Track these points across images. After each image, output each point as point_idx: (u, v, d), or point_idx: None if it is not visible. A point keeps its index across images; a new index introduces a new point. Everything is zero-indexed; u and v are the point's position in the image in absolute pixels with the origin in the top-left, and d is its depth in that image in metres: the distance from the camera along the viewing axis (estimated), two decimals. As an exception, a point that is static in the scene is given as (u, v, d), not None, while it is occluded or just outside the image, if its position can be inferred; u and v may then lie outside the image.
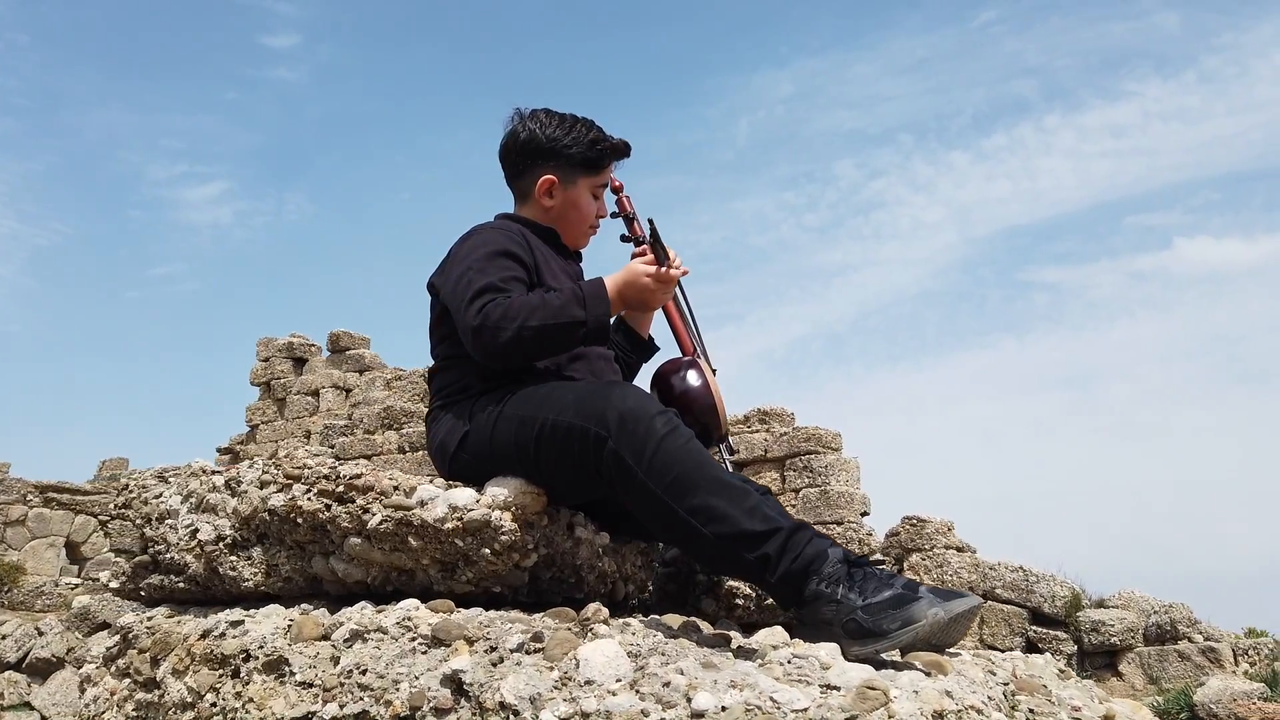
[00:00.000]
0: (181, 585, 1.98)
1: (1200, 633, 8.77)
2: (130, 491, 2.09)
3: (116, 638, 2.03)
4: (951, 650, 1.72)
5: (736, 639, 1.66)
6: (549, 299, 1.86)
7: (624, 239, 2.42)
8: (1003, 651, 2.08)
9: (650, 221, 1.98)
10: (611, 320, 1.94)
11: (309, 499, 1.85)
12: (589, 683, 1.44)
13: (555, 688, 1.45)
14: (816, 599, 1.58)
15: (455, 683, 1.54)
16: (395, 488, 1.84)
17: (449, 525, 1.78)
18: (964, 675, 1.56)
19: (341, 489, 1.84)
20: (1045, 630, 8.16)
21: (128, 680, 1.94)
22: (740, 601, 2.32)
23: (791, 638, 1.72)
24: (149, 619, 1.98)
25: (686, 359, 2.19)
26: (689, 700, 1.34)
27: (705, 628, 1.76)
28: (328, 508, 1.84)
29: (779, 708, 1.29)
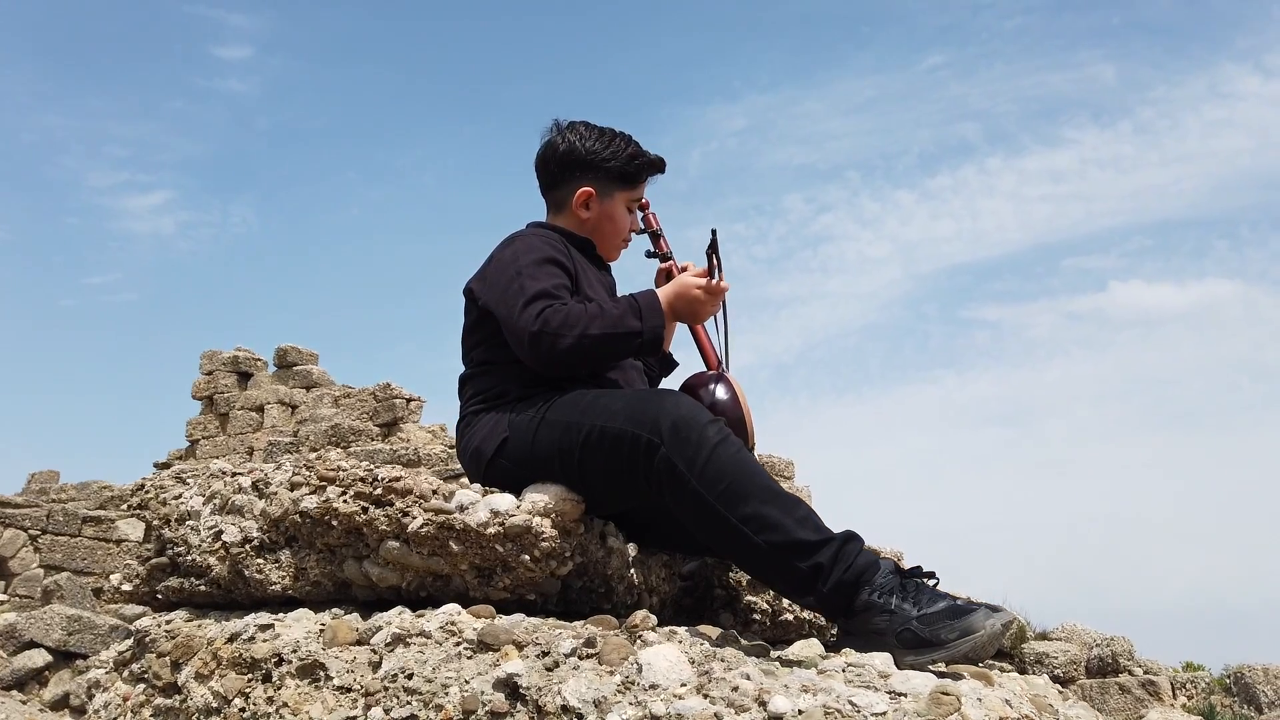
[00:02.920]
0: (203, 588, 1.93)
1: (1140, 666, 8.99)
2: (146, 492, 2.04)
3: (129, 642, 1.97)
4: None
5: (774, 651, 1.68)
6: (607, 309, 1.89)
7: (649, 255, 2.44)
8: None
9: (713, 232, 1.99)
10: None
11: (345, 501, 1.82)
12: (654, 687, 1.43)
13: (619, 691, 1.44)
14: (868, 609, 1.60)
15: (510, 686, 1.52)
16: (434, 491, 1.82)
17: (491, 530, 1.76)
18: (1007, 687, 1.60)
19: (380, 491, 1.81)
20: (991, 661, 8.30)
21: (143, 685, 1.88)
22: (757, 617, 2.34)
23: (827, 651, 1.75)
24: (168, 622, 1.92)
25: (713, 373, 2.21)
26: (763, 704, 1.35)
27: (741, 640, 1.78)
28: (364, 510, 1.81)
29: (858, 711, 1.30)
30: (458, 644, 1.64)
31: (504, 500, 1.80)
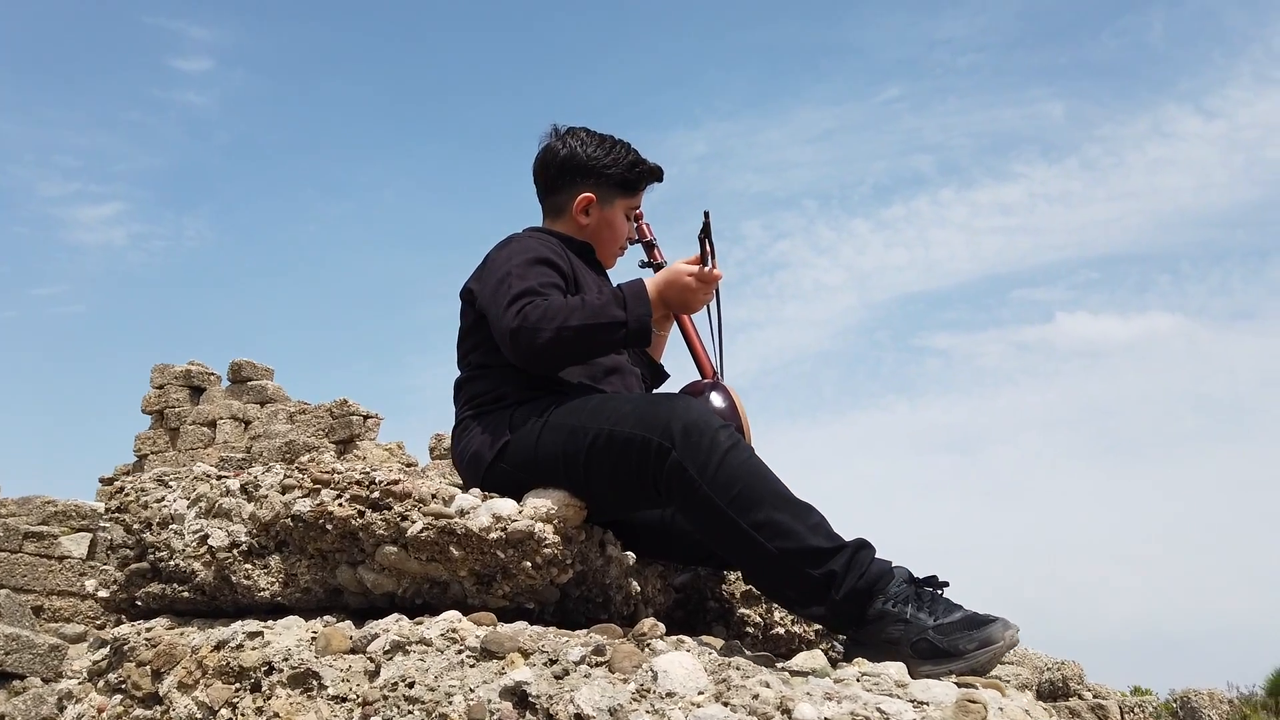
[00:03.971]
0: (186, 594, 1.85)
1: (1090, 690, 9.09)
2: (126, 494, 1.96)
3: (104, 650, 1.88)
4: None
5: (779, 663, 1.65)
6: (588, 300, 1.84)
7: (643, 265, 2.42)
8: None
9: (706, 215, 1.89)
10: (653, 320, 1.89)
11: (340, 504, 1.76)
12: (670, 695, 1.40)
13: (635, 699, 1.40)
14: (882, 618, 1.58)
15: (518, 695, 1.47)
16: (434, 495, 1.77)
17: (493, 535, 1.72)
18: (1018, 698, 1.58)
19: (377, 495, 1.76)
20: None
21: (121, 696, 1.80)
22: (750, 630, 2.31)
23: (832, 663, 1.72)
24: (148, 630, 1.84)
25: (708, 381, 2.19)
26: (787, 712, 1.32)
27: (746, 651, 1.75)
28: (361, 514, 1.76)
29: (887, 718, 1.28)
30: (460, 651, 1.59)
31: (506, 505, 1.76)
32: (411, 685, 1.55)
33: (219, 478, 1.96)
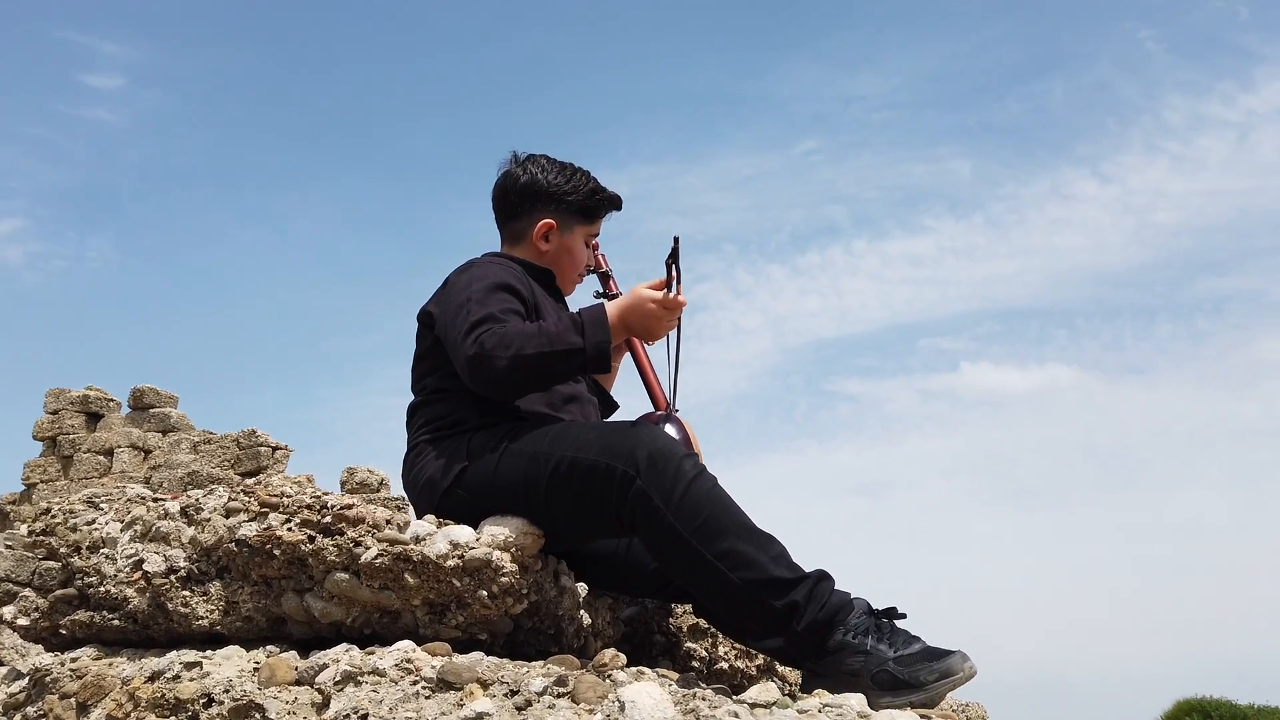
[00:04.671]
0: (116, 623, 1.76)
1: (996, 733, 9.26)
2: (53, 517, 1.86)
3: (23, 682, 1.77)
4: None
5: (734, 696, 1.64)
6: (545, 326, 1.81)
7: (598, 295, 2.42)
8: None
9: (675, 240, 1.86)
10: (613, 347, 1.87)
11: (289, 529, 1.70)
12: (639, 725, 1.37)
13: (602, 730, 1.38)
14: (841, 649, 1.58)
15: (479, 727, 1.43)
16: (388, 521, 1.72)
17: (450, 563, 1.67)
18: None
19: (329, 520, 1.70)
20: None
21: (41, 731, 1.68)
22: (695, 664, 2.29)
23: (785, 695, 1.72)
24: (72, 660, 1.74)
25: (661, 413, 2.19)
26: (760, 741, 1.31)
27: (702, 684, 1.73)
28: (311, 539, 1.70)
29: (861, 746, 1.28)
30: (415, 682, 1.54)
31: (463, 532, 1.72)
32: (365, 717, 1.49)
33: (155, 500, 1.87)
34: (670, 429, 2.11)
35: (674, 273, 1.89)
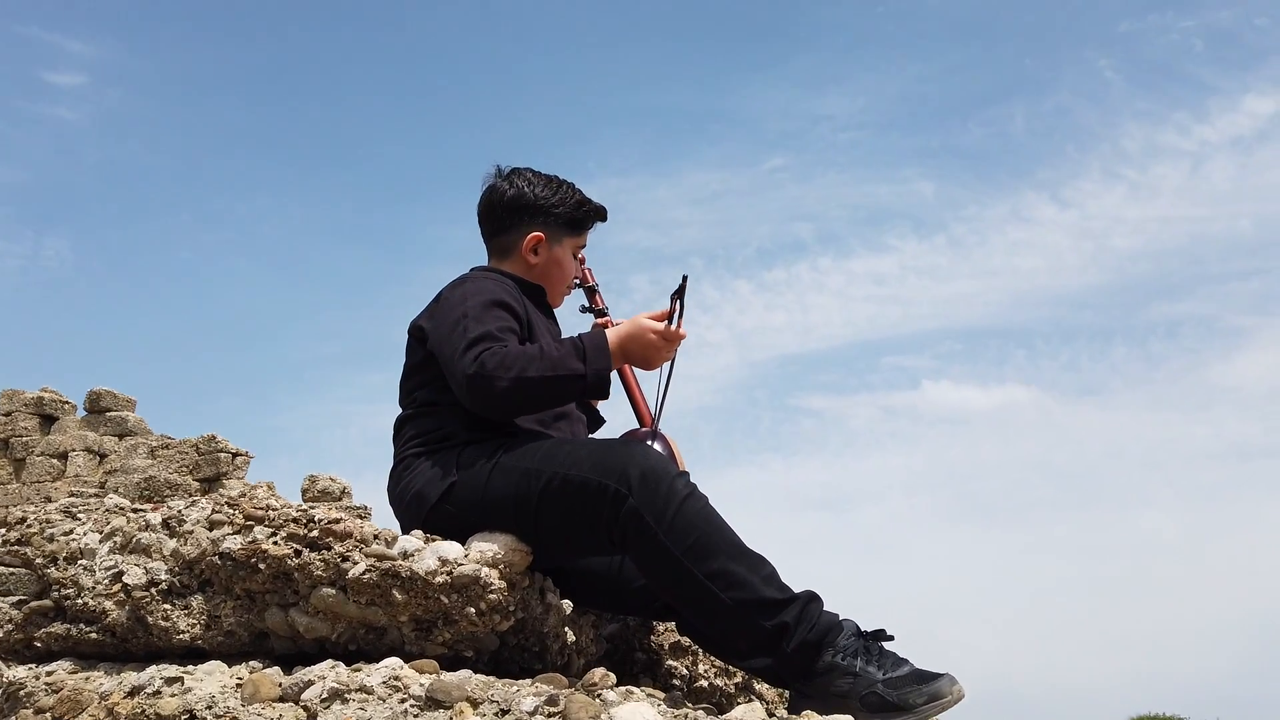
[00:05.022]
0: (94, 636, 1.72)
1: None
2: (29, 526, 1.82)
3: (-5, 696, 1.73)
4: None
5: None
6: (548, 349, 1.82)
7: (584, 309, 2.42)
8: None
9: (684, 277, 1.92)
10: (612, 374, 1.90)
11: (275, 543, 1.68)
12: (633, 746, 1.37)
13: (596, 751, 1.37)
14: (830, 671, 1.59)
15: (470, 746, 1.42)
16: (376, 536, 1.71)
17: (439, 580, 1.66)
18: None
19: (316, 534, 1.68)
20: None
21: (13, 747, 1.65)
22: (676, 682, 2.29)
23: (771, 715, 1.72)
24: (48, 674, 1.70)
25: (646, 430, 2.20)
26: (756, 763, 1.31)
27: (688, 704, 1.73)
28: (298, 553, 1.68)
29: (857, 769, 1.28)
30: (404, 700, 1.52)
31: (452, 548, 1.71)
32: (352, 735, 1.47)
33: (135, 511, 1.84)
34: (656, 446, 2.11)
35: (678, 307, 1.94)
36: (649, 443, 2.11)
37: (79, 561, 1.77)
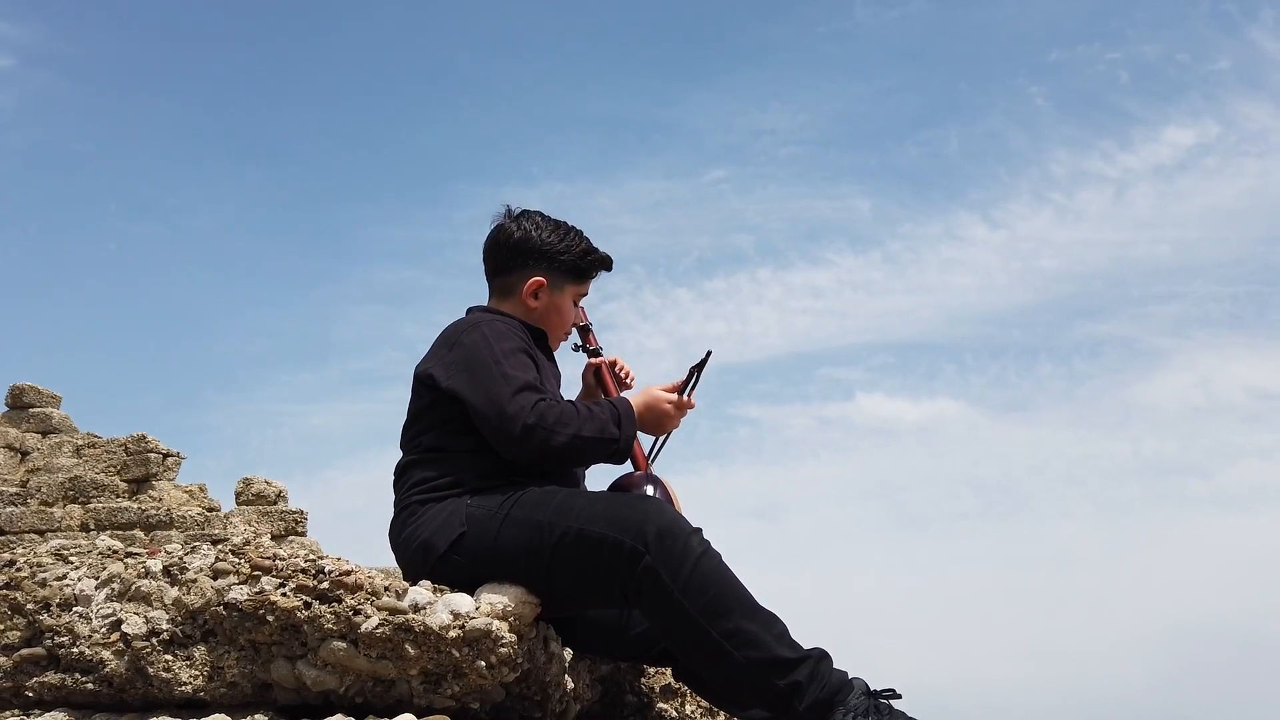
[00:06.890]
0: (90, 686, 1.68)
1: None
2: (19, 570, 1.76)
3: (-18, 748, 1.67)
4: None
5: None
6: (595, 412, 1.90)
7: (577, 349, 2.42)
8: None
9: (708, 353, 2.04)
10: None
11: (284, 594, 1.65)
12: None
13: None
14: None
15: (494, 810, 1.42)
16: (387, 588, 1.69)
17: (451, 634, 1.66)
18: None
19: (326, 585, 1.66)
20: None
21: (4, 803, 1.59)
22: (665, 725, 2.30)
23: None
24: (41, 726, 1.65)
25: (642, 474, 2.20)
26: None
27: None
28: (308, 605, 1.65)
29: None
30: (420, 759, 1.52)
31: (463, 601, 1.70)
32: (371, 797, 1.46)
33: (131, 555, 1.79)
34: (650, 489, 2.12)
35: (694, 379, 2.06)
36: (643, 485, 2.12)
37: (74, 608, 1.72)
